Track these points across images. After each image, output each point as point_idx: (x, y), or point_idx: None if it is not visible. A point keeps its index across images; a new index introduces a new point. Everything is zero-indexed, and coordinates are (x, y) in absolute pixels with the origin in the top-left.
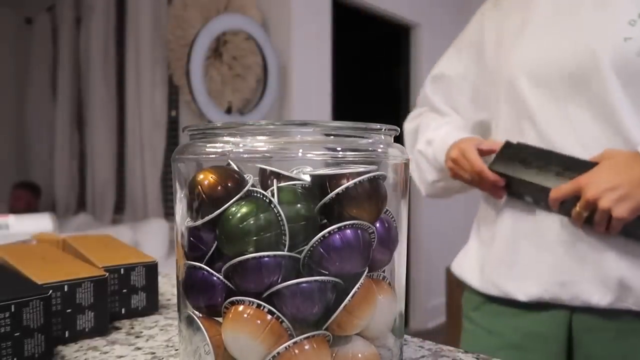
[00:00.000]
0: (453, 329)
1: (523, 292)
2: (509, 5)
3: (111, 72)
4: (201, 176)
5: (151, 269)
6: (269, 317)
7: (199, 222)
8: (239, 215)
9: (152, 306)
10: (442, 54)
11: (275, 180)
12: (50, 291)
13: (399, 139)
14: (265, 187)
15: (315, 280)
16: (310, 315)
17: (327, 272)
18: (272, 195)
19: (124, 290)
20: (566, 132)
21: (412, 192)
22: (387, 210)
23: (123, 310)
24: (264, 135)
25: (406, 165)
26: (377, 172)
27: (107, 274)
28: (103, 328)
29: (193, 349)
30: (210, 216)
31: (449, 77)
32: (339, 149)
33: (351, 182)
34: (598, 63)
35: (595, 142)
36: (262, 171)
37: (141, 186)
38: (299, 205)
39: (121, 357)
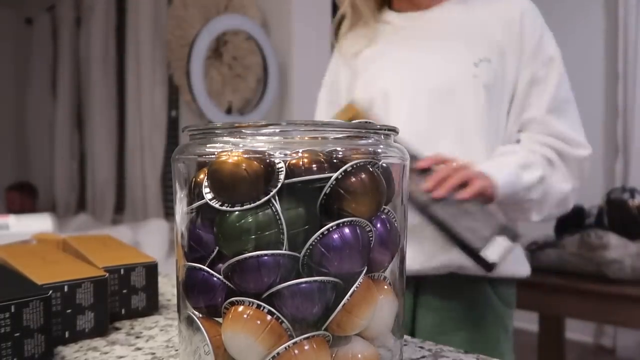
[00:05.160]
0: None
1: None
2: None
3: (111, 72)
4: (202, 175)
5: (151, 269)
6: (269, 317)
7: (194, 204)
8: (236, 213)
9: (152, 306)
10: None
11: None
12: (50, 291)
13: None
14: None
15: (315, 281)
16: (309, 316)
17: (326, 270)
18: None
19: (124, 291)
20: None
21: None
22: (388, 210)
23: (123, 311)
24: (264, 135)
25: (405, 166)
26: (366, 160)
27: (107, 274)
28: (103, 328)
29: (193, 349)
30: (198, 203)
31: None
32: (339, 149)
33: (342, 168)
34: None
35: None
36: None
37: (141, 186)
38: (297, 203)
39: (121, 357)
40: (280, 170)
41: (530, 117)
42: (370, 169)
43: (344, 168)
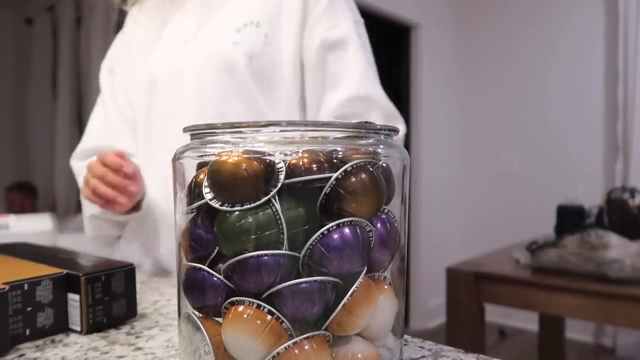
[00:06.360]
0: (453, 329)
1: None
2: (142, 20)
3: None
4: (202, 175)
5: (130, 274)
6: (269, 317)
7: (194, 204)
8: (236, 213)
9: (132, 312)
10: (442, 54)
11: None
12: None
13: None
14: None
15: (315, 280)
16: (310, 315)
17: (326, 270)
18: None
19: (106, 298)
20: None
21: (411, 192)
22: (388, 211)
23: (105, 320)
24: (264, 135)
25: (406, 166)
26: (366, 160)
27: (64, 271)
28: (64, 325)
29: (193, 349)
30: (198, 203)
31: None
32: (339, 149)
33: (342, 168)
34: (211, 63)
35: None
36: None
37: None
38: (297, 203)
39: (121, 357)
40: (280, 170)
41: (348, 96)
42: (370, 169)
43: (344, 168)
